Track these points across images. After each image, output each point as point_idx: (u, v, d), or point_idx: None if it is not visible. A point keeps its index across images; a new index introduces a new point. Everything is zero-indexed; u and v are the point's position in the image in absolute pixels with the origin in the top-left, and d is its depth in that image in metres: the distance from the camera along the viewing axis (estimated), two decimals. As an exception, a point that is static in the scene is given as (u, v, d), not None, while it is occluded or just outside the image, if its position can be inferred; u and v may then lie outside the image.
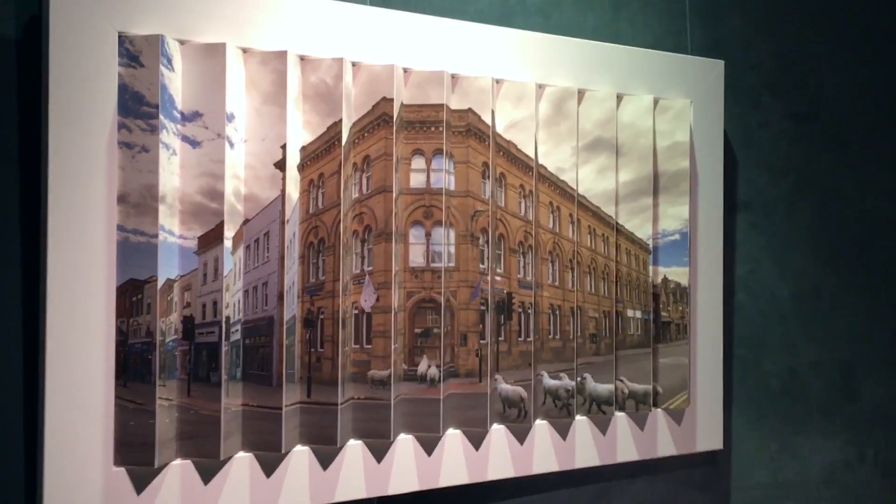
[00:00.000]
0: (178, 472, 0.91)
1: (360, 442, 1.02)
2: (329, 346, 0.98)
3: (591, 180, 1.19)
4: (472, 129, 1.09)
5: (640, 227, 1.22)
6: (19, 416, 0.88)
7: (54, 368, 0.85)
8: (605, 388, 1.19)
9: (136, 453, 0.88)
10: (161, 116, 0.88)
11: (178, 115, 0.91)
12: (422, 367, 1.06)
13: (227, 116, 0.92)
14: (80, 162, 0.86)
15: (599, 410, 1.19)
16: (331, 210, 0.99)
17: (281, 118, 0.95)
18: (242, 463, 0.95)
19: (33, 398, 0.88)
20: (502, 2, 1.19)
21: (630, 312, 1.23)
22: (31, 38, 0.88)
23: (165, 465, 0.90)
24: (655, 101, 1.24)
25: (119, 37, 0.88)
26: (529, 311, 1.13)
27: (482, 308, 1.09)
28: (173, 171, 0.90)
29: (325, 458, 1.00)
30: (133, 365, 0.88)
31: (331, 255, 0.98)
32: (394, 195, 1.02)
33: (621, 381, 1.22)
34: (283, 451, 0.95)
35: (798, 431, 1.44)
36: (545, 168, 1.15)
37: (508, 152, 1.12)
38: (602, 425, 1.21)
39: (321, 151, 0.99)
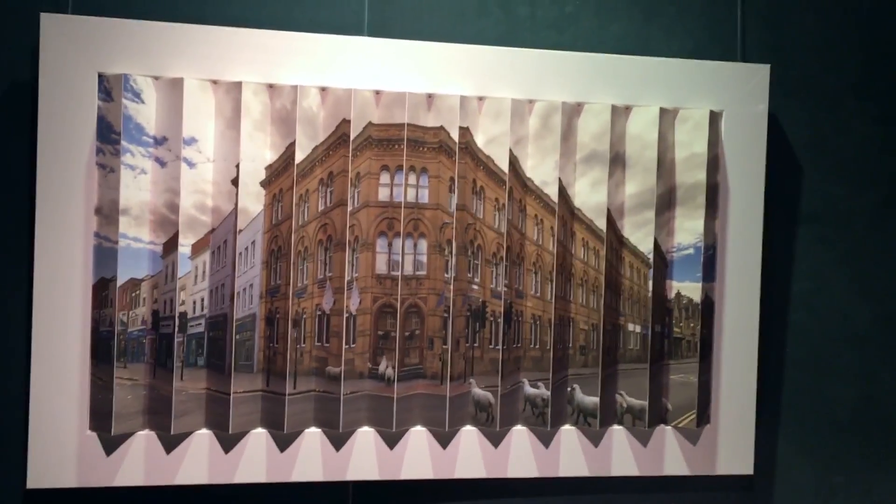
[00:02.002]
0: (143, 440, 1.08)
1: (318, 430, 1.13)
2: (283, 342, 1.10)
3: (587, 193, 1.18)
4: (443, 145, 1.14)
5: (643, 241, 1.19)
6: (21, 387, 1.10)
7: (39, 348, 1.05)
8: (591, 401, 1.19)
9: (100, 421, 1.06)
10: (124, 142, 1.05)
11: (151, 140, 1.07)
12: (382, 366, 1.13)
13: (186, 140, 1.06)
14: (65, 179, 1.05)
15: (586, 422, 1.19)
16: (286, 221, 1.10)
17: (237, 140, 1.08)
18: (202, 438, 1.10)
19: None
20: (508, 19, 1.21)
21: (631, 326, 1.20)
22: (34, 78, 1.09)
23: (127, 433, 1.07)
24: (676, 112, 1.20)
25: (98, 76, 1.06)
26: (499, 321, 1.16)
27: (445, 315, 1.14)
28: (140, 188, 1.06)
29: (285, 441, 1.12)
30: (102, 349, 1.06)
31: (286, 262, 1.10)
32: (348, 209, 1.11)
33: (621, 394, 1.20)
34: (230, 432, 1.09)
35: (873, 467, 1.30)
36: (532, 181, 1.17)
37: (486, 167, 1.15)
38: (595, 437, 1.20)
39: (281, 169, 1.10)
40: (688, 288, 1.21)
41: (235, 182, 1.08)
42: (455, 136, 1.13)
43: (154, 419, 1.08)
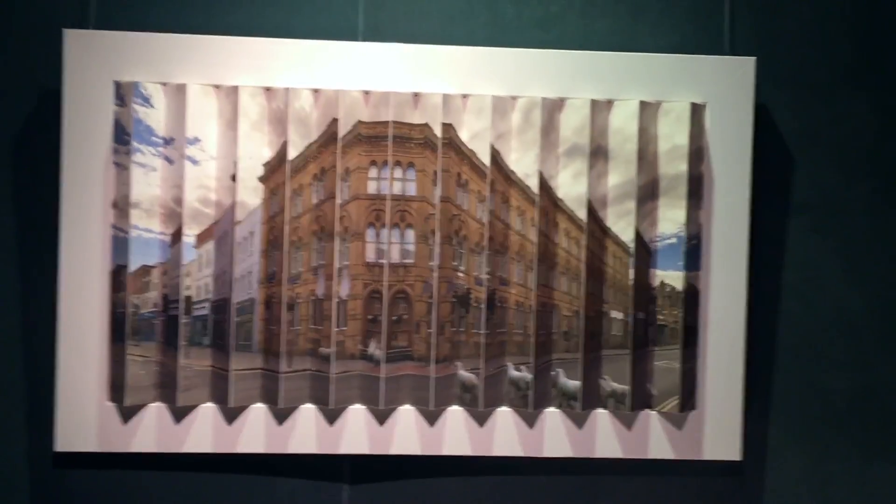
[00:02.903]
0: (154, 411, 1.20)
1: (312, 406, 1.22)
2: (280, 324, 1.20)
3: (569, 185, 1.23)
4: (428, 141, 1.21)
5: (626, 231, 1.24)
6: (50, 362, 1.23)
7: (65, 327, 1.19)
8: (574, 384, 1.24)
9: (117, 393, 1.19)
10: (134, 143, 1.17)
11: (160, 140, 1.19)
12: (371, 348, 1.22)
13: (190, 140, 1.17)
14: (86, 176, 1.18)
15: (569, 405, 1.24)
16: (281, 214, 1.20)
17: (234, 140, 1.18)
18: (207, 411, 1.21)
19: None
20: (494, 21, 1.28)
21: (614, 314, 1.25)
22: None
23: (140, 404, 1.19)
24: (658, 105, 1.24)
25: (114, 83, 1.18)
26: (482, 306, 1.22)
27: (430, 301, 1.22)
28: (151, 184, 1.18)
29: (282, 415, 1.22)
30: (118, 328, 1.19)
31: (281, 251, 1.20)
32: (337, 201, 1.20)
33: (604, 379, 1.25)
34: (230, 406, 1.19)
35: (867, 456, 1.31)
36: (515, 174, 1.23)
37: (470, 160, 1.22)
38: (578, 420, 1.26)
39: (277, 165, 1.20)
40: (671, 276, 1.25)
41: (233, 178, 1.19)
42: (438, 132, 1.21)
43: (164, 392, 1.20)
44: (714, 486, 1.31)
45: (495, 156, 1.22)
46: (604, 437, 1.27)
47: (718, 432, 1.27)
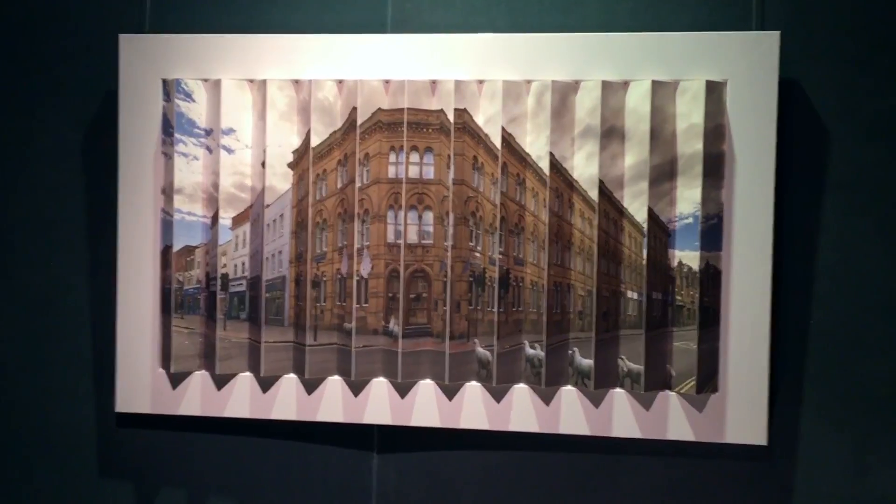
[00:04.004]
0: (199, 378, 1.32)
1: (339, 378, 1.30)
2: (306, 301, 1.29)
3: (584, 166, 1.24)
4: (444, 126, 1.26)
5: (641, 211, 1.23)
6: (112, 332, 1.37)
7: (123, 300, 1.33)
8: (589, 363, 1.25)
9: (165, 361, 1.31)
10: (177, 134, 1.29)
11: (202, 132, 1.30)
12: (392, 324, 1.28)
13: (225, 131, 1.28)
14: (140, 165, 1.31)
15: (584, 384, 1.25)
16: (307, 197, 1.28)
17: (263, 130, 1.28)
18: (244, 380, 1.32)
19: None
20: (515, 7, 1.31)
21: (630, 294, 1.25)
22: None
23: (186, 372, 1.31)
24: (676, 84, 1.22)
25: (162, 81, 1.30)
26: (494, 285, 1.25)
27: (444, 280, 1.26)
28: (193, 171, 1.30)
29: (311, 386, 1.30)
30: (166, 303, 1.31)
31: (305, 232, 1.28)
32: (357, 185, 1.27)
33: (622, 359, 1.26)
34: (262, 375, 1.29)
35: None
36: (530, 156, 1.25)
37: (485, 144, 1.25)
38: (595, 399, 1.26)
39: (304, 152, 1.28)
40: (689, 257, 1.23)
41: (263, 164, 1.29)
42: (451, 117, 1.26)
43: (206, 362, 1.32)
44: (740, 470, 1.28)
45: (509, 139, 1.25)
46: (621, 417, 1.27)
47: (742, 416, 1.25)
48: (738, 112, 1.23)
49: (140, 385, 1.34)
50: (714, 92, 1.23)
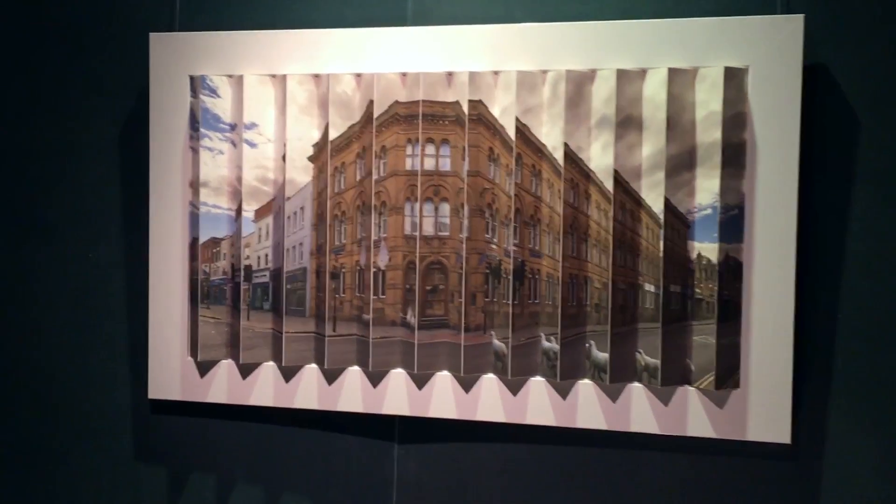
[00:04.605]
0: (225, 367, 1.36)
1: (358, 368, 1.31)
2: (325, 292, 1.30)
3: (600, 157, 1.22)
4: (459, 118, 1.25)
5: (658, 202, 1.20)
6: (144, 322, 1.41)
7: (154, 291, 1.37)
8: (603, 357, 1.23)
9: (193, 350, 1.35)
10: (202, 129, 1.32)
11: (227, 127, 1.33)
12: (410, 315, 1.29)
13: (248, 125, 1.31)
14: (169, 160, 1.35)
15: (600, 378, 1.23)
16: (326, 190, 1.29)
17: (284, 124, 1.30)
18: (268, 369, 1.34)
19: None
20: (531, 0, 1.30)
21: (648, 286, 1.22)
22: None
23: (213, 360, 1.35)
24: (695, 72, 1.19)
25: (189, 77, 1.33)
26: (508, 277, 1.24)
27: (460, 272, 1.26)
28: (219, 165, 1.33)
29: (332, 376, 1.32)
30: (194, 293, 1.35)
31: (325, 224, 1.30)
32: (373, 177, 1.28)
33: (640, 353, 1.23)
34: (283, 365, 1.32)
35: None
36: (546, 147, 1.24)
37: (501, 135, 1.24)
38: (612, 393, 1.24)
39: (324, 146, 1.30)
40: (708, 248, 1.20)
41: (284, 158, 1.31)
42: (466, 108, 1.25)
43: (232, 351, 1.35)
44: (762, 469, 1.24)
45: (524, 130, 1.24)
46: (639, 412, 1.25)
47: (765, 413, 1.21)
48: (761, 99, 1.19)
49: (171, 373, 1.38)
50: (734, 79, 1.19)
